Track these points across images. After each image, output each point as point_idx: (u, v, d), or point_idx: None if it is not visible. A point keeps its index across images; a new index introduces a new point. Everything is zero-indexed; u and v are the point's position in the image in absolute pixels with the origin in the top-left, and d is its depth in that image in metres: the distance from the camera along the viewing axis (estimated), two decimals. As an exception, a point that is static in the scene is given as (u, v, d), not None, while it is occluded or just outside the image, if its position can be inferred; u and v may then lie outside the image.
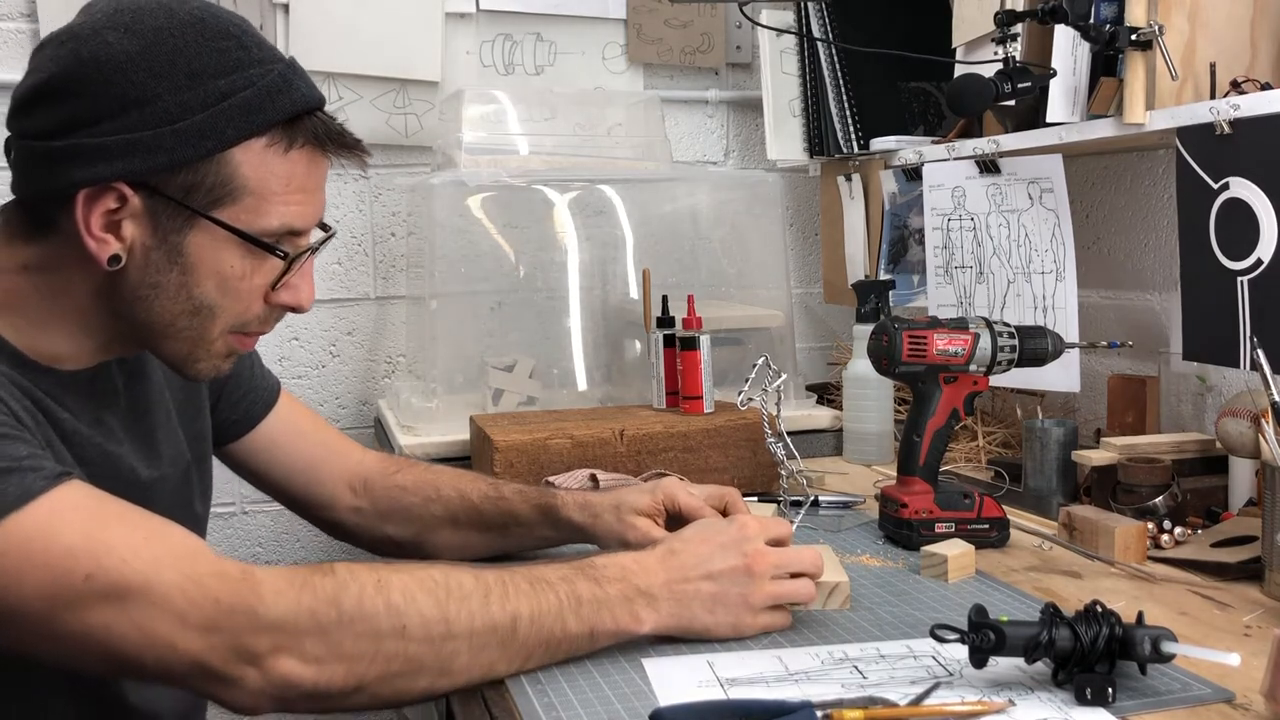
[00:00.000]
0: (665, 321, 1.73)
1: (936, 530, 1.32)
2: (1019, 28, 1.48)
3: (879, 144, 1.96)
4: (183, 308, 0.98)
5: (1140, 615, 0.92)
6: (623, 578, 0.99)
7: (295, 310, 1.04)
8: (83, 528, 0.84)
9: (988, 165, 1.69)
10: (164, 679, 0.87)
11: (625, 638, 0.99)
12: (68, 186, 0.92)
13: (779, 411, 1.38)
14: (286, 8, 2.06)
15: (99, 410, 1.04)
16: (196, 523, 1.19)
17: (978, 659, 0.90)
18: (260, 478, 1.32)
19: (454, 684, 0.93)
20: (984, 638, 0.89)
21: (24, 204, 0.98)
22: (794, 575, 1.06)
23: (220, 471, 1.28)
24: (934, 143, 1.86)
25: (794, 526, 1.13)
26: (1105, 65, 1.48)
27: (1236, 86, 1.35)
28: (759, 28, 2.09)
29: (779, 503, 1.43)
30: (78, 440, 0.99)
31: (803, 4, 2.06)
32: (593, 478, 1.44)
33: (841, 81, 2.03)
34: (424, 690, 0.92)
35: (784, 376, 1.39)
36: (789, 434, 1.38)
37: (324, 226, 1.06)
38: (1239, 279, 1.31)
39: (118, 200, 0.93)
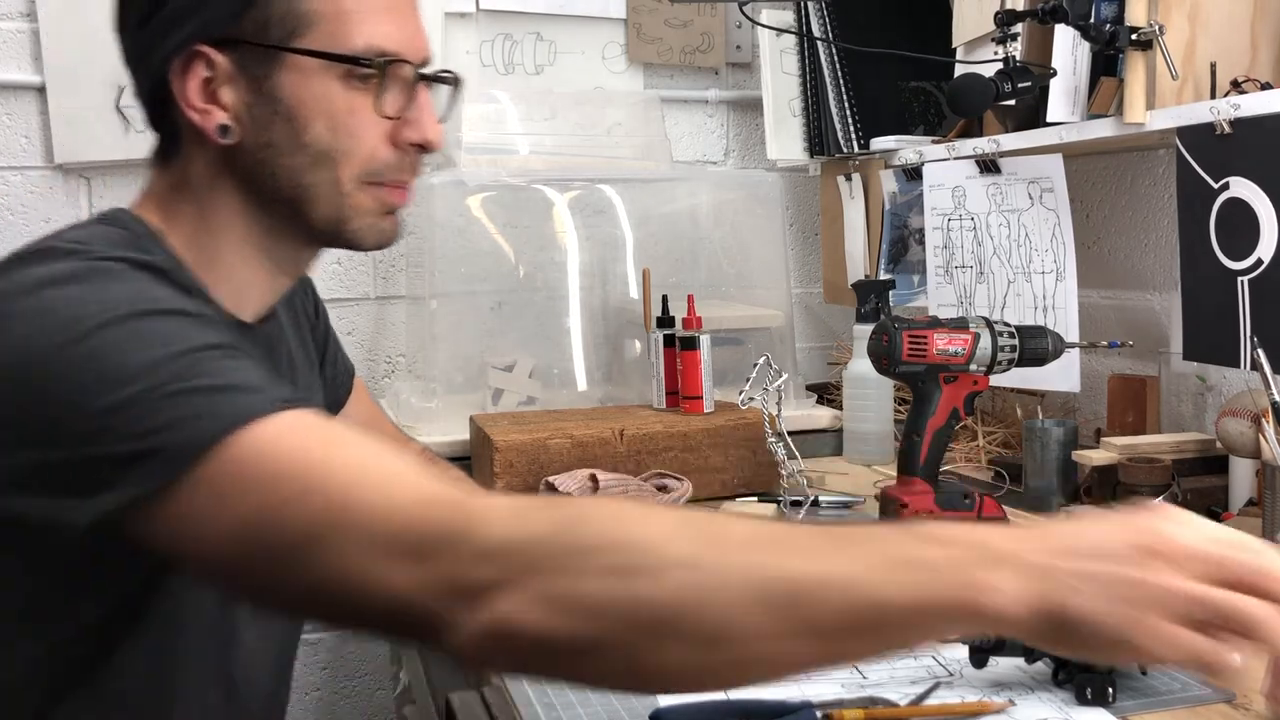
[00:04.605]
0: (665, 321, 1.73)
1: (936, 530, 1.32)
2: (1019, 28, 1.48)
3: (879, 144, 1.96)
4: (301, 160, 0.95)
5: (1140, 615, 0.91)
6: (965, 540, 0.68)
7: (425, 148, 0.99)
8: (294, 450, 0.76)
9: (988, 165, 1.69)
10: (367, 622, 0.75)
11: (973, 616, 0.65)
12: (161, 68, 0.93)
13: (779, 411, 1.38)
14: (286, 7, 2.06)
15: (275, 368, 1.03)
16: None
17: (978, 659, 0.90)
18: None
19: (718, 660, 0.67)
20: (984, 637, 0.89)
21: (159, 145, 0.99)
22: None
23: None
24: (934, 142, 1.86)
25: None
26: (1105, 65, 1.48)
27: (1237, 86, 1.35)
28: (759, 27, 2.09)
29: (779, 503, 1.43)
30: None
31: (803, 4, 2.06)
32: (593, 478, 1.44)
33: (841, 81, 2.03)
34: (678, 663, 0.67)
35: (784, 376, 1.40)
36: (789, 434, 1.38)
37: (446, 74, 1.02)
38: (1239, 279, 1.31)
39: (207, 67, 0.93)
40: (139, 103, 0.98)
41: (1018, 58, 1.48)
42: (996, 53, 1.48)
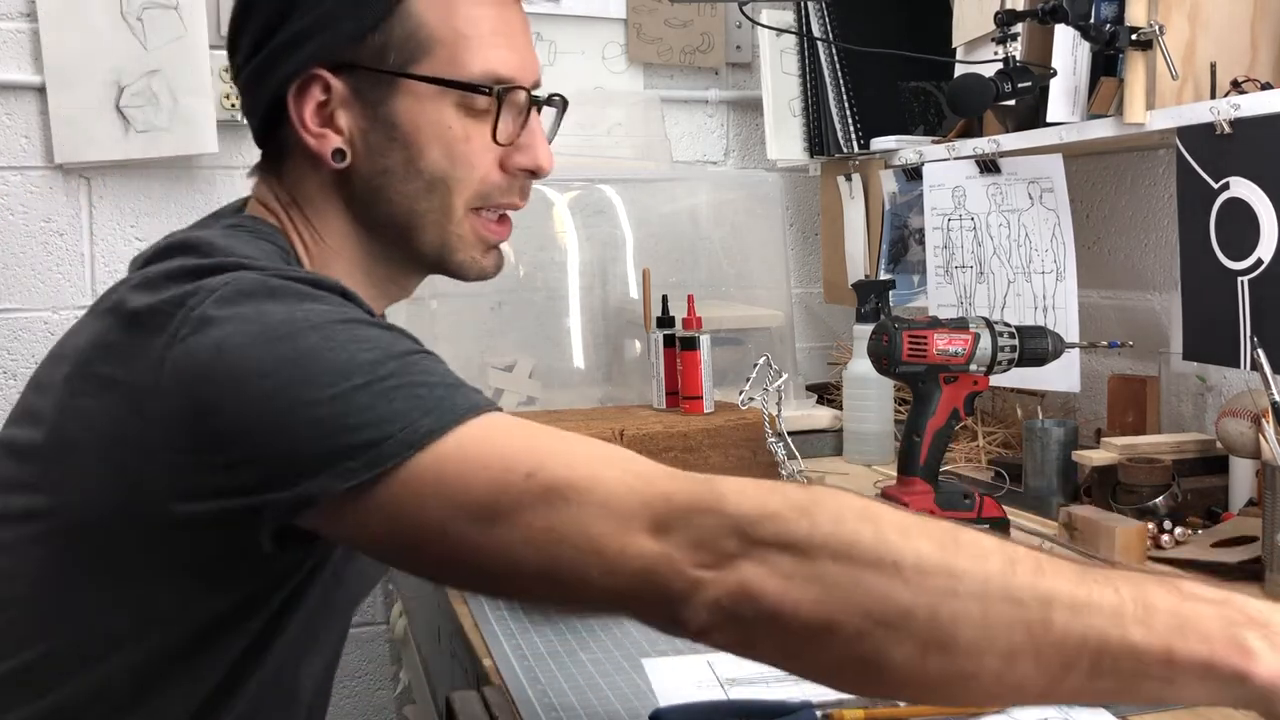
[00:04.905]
0: (665, 321, 1.73)
1: (936, 530, 1.32)
2: (1019, 28, 1.48)
3: (879, 144, 1.96)
4: (416, 186, 0.95)
5: (1140, 615, 0.91)
6: (1223, 599, 0.66)
7: (535, 174, 1.00)
8: (523, 435, 0.79)
9: (988, 165, 1.69)
10: (605, 597, 0.74)
11: (1230, 679, 0.63)
12: (278, 89, 0.92)
13: (779, 411, 1.38)
14: (286, 7, 2.06)
15: None
16: None
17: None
18: None
19: (944, 667, 0.66)
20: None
21: (266, 159, 0.99)
22: None
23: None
24: (934, 142, 1.86)
25: None
26: (1105, 65, 1.48)
27: (1237, 86, 1.35)
28: (759, 27, 2.09)
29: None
30: None
31: (803, 4, 2.06)
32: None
33: (841, 81, 2.03)
34: (903, 663, 0.67)
35: (784, 376, 1.40)
36: (789, 434, 1.38)
37: (555, 97, 1.02)
38: (1239, 279, 1.31)
39: (323, 90, 0.92)
40: (248, 120, 0.98)
41: (1018, 58, 1.48)
42: (996, 53, 1.48)
